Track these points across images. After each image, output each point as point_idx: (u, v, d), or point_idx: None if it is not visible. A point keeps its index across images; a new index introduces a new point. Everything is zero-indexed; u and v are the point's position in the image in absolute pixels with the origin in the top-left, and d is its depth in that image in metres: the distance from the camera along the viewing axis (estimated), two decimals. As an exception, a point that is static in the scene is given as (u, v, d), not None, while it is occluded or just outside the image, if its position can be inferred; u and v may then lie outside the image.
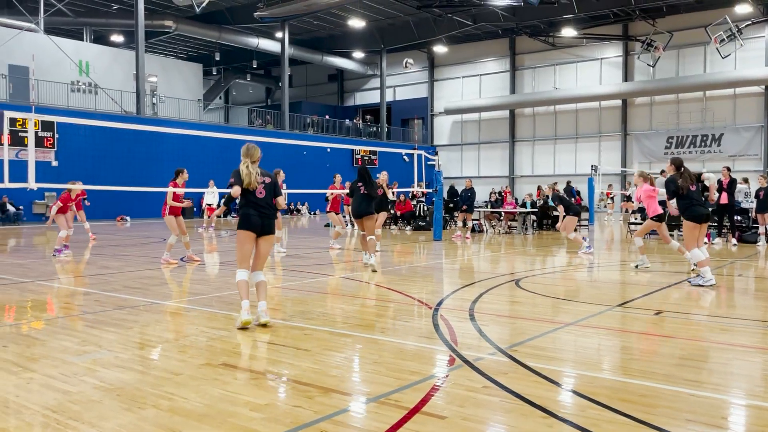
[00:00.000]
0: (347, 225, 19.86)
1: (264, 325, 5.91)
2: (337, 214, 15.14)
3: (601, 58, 36.55)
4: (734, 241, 14.97)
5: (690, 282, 8.59)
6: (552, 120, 38.55)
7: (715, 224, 15.39)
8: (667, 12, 32.61)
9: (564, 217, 13.12)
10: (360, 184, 10.60)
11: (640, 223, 17.91)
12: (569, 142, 37.89)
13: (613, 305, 7.17)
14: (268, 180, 6.28)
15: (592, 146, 36.96)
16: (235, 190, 6.05)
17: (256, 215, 6.13)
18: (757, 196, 15.01)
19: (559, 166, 37.77)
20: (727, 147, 32.78)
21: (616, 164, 34.85)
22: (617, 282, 9.49)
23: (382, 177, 13.09)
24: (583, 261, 11.98)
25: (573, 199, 22.94)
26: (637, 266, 10.40)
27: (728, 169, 15.30)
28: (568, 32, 34.13)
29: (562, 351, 5.22)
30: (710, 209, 9.44)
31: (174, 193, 11.35)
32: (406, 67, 28.82)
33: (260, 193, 6.16)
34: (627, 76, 35.63)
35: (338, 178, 15.12)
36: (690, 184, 8.50)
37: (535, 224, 20.17)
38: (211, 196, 21.33)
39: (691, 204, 8.47)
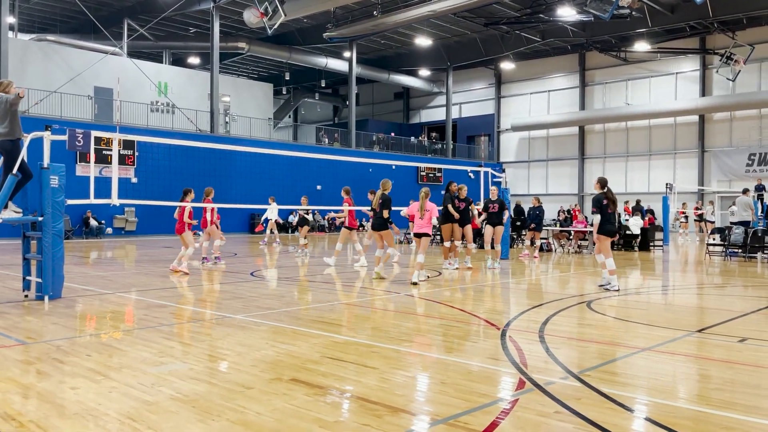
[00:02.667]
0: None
1: (380, 277, 11.31)
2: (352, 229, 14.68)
3: (677, 73, 35.31)
4: None
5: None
6: (624, 136, 37.46)
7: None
8: (748, 24, 31.23)
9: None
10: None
11: (721, 245, 17.11)
12: (642, 160, 36.69)
13: (692, 331, 6.84)
14: (380, 201, 11.63)
15: (666, 163, 35.65)
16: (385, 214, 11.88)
17: (374, 222, 11.96)
18: None
19: (632, 183, 36.61)
20: (815, 164, 30.92)
21: (692, 182, 33.45)
22: (695, 306, 9.08)
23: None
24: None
25: (646, 218, 22.17)
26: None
27: None
28: (642, 46, 33.19)
29: (638, 377, 5.02)
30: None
31: (191, 211, 12.69)
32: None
33: (376, 208, 11.73)
34: (705, 90, 34.25)
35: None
36: (611, 204, 10.00)
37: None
38: (272, 212, 21.57)
39: (607, 221, 10.00)
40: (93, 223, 25.66)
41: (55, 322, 7.17)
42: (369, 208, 12.52)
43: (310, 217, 18.21)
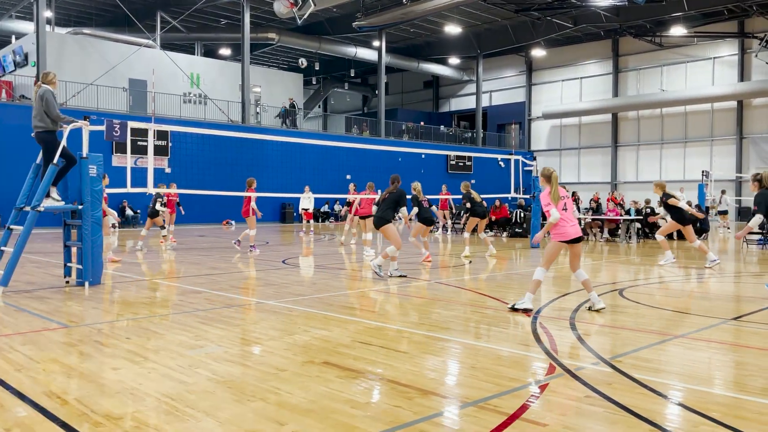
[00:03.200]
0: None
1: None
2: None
3: (714, 57, 34.40)
4: None
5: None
6: (658, 123, 36.71)
7: None
8: (790, 6, 30.27)
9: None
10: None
11: (758, 233, 16.72)
12: (677, 147, 35.92)
13: (727, 318, 6.75)
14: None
15: (702, 151, 34.85)
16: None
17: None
18: None
19: (666, 171, 35.89)
20: None
21: (730, 170, 32.66)
22: (731, 295, 8.92)
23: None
24: (668, 272, 11.33)
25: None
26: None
27: None
28: (677, 31, 32.38)
29: (670, 364, 4.98)
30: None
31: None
32: None
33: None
34: (743, 75, 33.32)
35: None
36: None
37: (640, 232, 19.30)
38: (307, 201, 21.86)
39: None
40: (129, 212, 26.21)
41: (95, 306, 7.40)
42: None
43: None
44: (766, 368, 4.83)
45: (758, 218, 8.06)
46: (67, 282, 9.13)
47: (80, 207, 8.82)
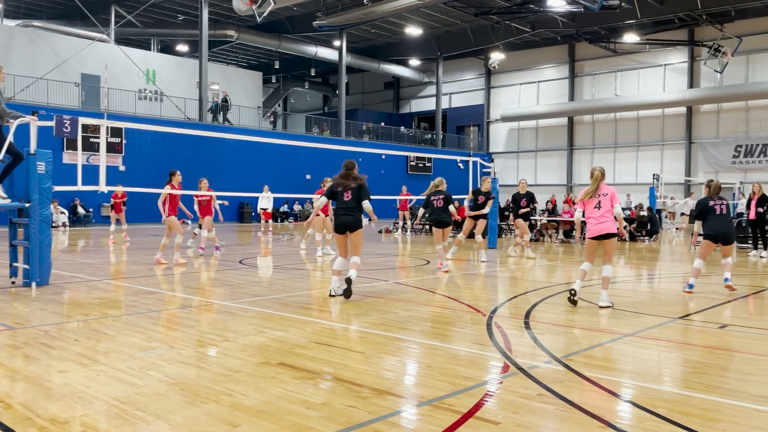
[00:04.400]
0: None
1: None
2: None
3: (665, 65, 35.48)
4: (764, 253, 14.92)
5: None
6: (612, 127, 37.65)
7: (750, 237, 16.04)
8: (736, 16, 31.43)
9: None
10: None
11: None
12: (630, 151, 36.91)
13: (675, 317, 6.96)
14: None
15: (654, 155, 35.90)
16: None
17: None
18: None
19: (620, 174, 36.83)
20: (800, 156, 31.24)
21: (679, 173, 33.73)
22: (679, 294, 9.19)
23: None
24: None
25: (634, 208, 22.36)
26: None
27: (760, 185, 15.25)
28: (631, 38, 33.31)
29: (620, 362, 5.11)
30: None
31: (170, 195, 11.84)
32: (494, 68, 35.74)
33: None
34: (692, 82, 34.46)
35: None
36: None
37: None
38: (266, 200, 21.70)
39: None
40: (80, 211, 25.50)
41: (43, 307, 7.17)
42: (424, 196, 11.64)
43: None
44: (711, 365, 5.00)
45: None
46: (13, 282, 8.81)
47: (27, 205, 8.54)
